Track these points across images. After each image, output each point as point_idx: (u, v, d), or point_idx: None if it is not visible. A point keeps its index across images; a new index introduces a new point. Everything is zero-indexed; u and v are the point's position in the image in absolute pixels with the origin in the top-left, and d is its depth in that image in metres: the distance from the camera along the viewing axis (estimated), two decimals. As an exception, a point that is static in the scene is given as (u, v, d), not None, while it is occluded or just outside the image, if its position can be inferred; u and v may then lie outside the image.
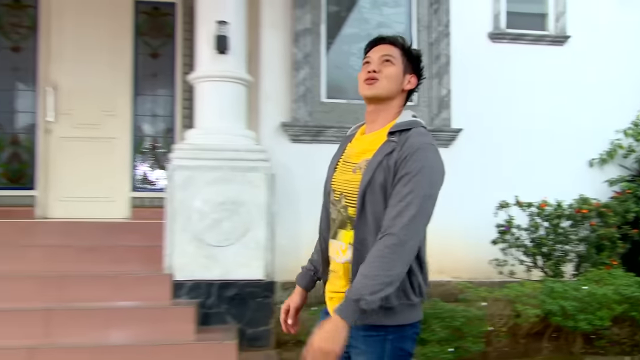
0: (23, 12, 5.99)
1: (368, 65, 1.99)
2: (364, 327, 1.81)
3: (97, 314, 4.22)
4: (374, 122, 1.99)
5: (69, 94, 6.00)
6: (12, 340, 3.90)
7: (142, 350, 4.00)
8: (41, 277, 4.52)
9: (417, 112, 5.63)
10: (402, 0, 5.85)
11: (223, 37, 4.63)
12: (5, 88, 5.95)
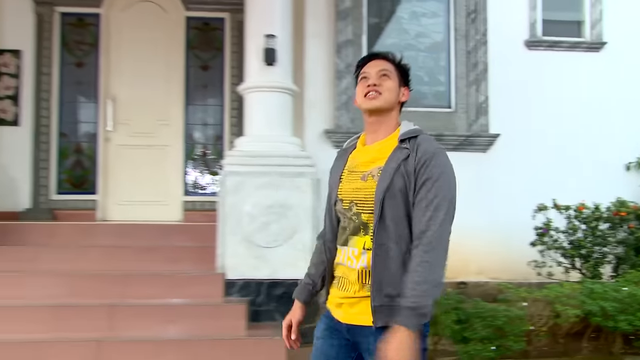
0: (86, 30, 6.22)
1: (367, 80, 2.00)
2: (381, 332, 1.78)
3: (155, 310, 4.34)
4: (376, 133, 2.01)
5: (126, 105, 6.20)
6: (81, 333, 4.08)
7: (198, 344, 4.10)
8: (104, 275, 4.69)
9: (455, 118, 5.70)
10: (440, 11, 5.85)
11: (271, 50, 4.73)
12: (69, 100, 6.20)
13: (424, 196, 1.82)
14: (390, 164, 1.86)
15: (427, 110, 5.72)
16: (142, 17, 6.25)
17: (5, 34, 6.06)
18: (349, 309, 1.92)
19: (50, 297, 4.43)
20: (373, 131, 2.02)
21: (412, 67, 5.79)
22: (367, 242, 1.88)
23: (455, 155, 5.70)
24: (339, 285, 1.98)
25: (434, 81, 5.81)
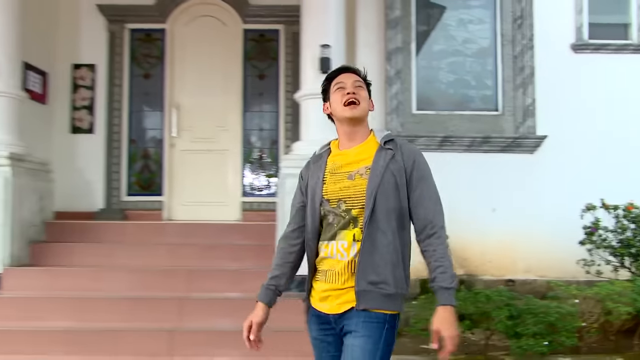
0: (153, 44, 6.42)
1: (344, 90, 2.06)
2: (365, 314, 1.92)
3: (220, 303, 4.46)
4: (354, 139, 2.07)
5: (189, 113, 6.36)
6: (154, 323, 4.24)
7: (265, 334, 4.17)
8: (172, 271, 4.85)
9: (502, 121, 5.62)
10: (487, 18, 5.78)
11: (326, 59, 4.76)
12: (138, 109, 6.41)
13: (424, 191, 2.00)
14: (379, 163, 1.96)
15: (475, 114, 5.67)
16: (203, 31, 6.40)
17: (81, 50, 6.32)
18: (336, 300, 1.98)
19: (125, 290, 4.63)
20: (350, 138, 2.08)
21: (459, 71, 5.82)
22: (357, 233, 1.95)
23: (503, 157, 5.71)
24: (325, 278, 2.01)
25: (481, 85, 5.75)
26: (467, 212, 5.53)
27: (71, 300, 4.46)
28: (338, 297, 1.97)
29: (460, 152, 5.58)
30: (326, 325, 2.04)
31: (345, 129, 2.07)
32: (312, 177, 2.09)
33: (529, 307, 3.84)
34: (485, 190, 5.58)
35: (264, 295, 2.16)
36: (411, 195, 1.99)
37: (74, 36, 6.31)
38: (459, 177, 5.55)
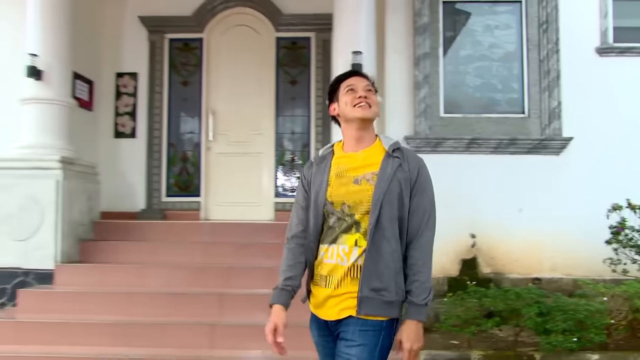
0: (191, 53, 6.54)
1: (354, 92, 2.02)
2: (362, 322, 1.89)
3: (257, 298, 4.46)
4: (361, 142, 2.03)
5: (225, 118, 6.47)
6: (195, 317, 4.33)
7: (295, 329, 4.22)
8: (211, 268, 4.94)
9: (529, 123, 5.58)
10: (513, 23, 5.74)
11: (358, 65, 4.80)
12: (177, 115, 6.53)
13: (420, 202, 1.95)
14: (387, 170, 1.92)
15: (501, 116, 5.63)
16: (238, 40, 6.50)
17: (124, 59, 6.48)
18: (335, 306, 1.93)
19: (168, 286, 4.73)
20: (358, 140, 2.03)
21: (486, 75, 5.77)
22: (359, 239, 1.91)
23: (529, 159, 5.67)
24: (326, 283, 1.96)
25: (507, 89, 5.70)
26: (494, 213, 5.51)
27: (118, 295, 4.58)
28: (338, 303, 1.93)
29: (487, 154, 5.55)
30: (325, 332, 2.02)
31: (353, 132, 2.03)
32: (315, 178, 2.04)
33: (558, 305, 3.81)
34: (511, 191, 5.54)
35: (282, 298, 2.05)
36: (410, 204, 1.96)
37: (118, 46, 6.48)
38: (486, 178, 5.53)
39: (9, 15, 5.76)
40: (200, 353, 4.07)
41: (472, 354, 3.80)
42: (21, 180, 4.86)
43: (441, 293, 5.49)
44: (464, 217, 5.49)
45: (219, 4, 6.45)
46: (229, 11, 6.50)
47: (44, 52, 5.05)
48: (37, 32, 5.08)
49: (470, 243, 5.53)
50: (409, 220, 1.94)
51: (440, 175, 5.49)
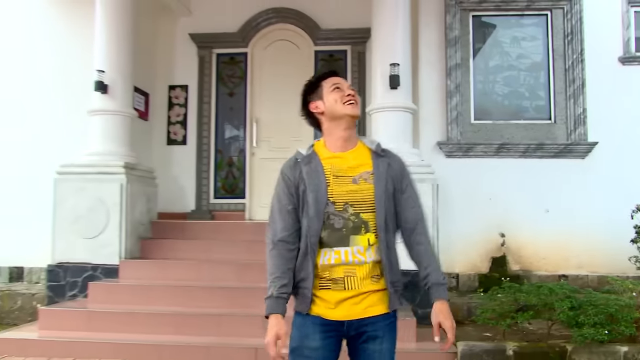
0: (236, 66, 6.71)
1: (342, 90, 1.95)
2: (387, 317, 1.88)
3: (304, 292, 4.63)
4: (349, 142, 1.95)
5: (267, 126, 6.61)
6: (250, 309, 4.42)
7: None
8: (262, 264, 5.02)
9: (555, 129, 5.59)
10: (539, 34, 5.76)
11: (395, 76, 4.89)
12: (223, 123, 6.69)
13: (412, 194, 1.97)
14: (380, 169, 1.89)
15: (529, 122, 5.66)
16: (280, 54, 6.64)
17: (176, 73, 6.68)
18: (355, 306, 1.83)
19: (222, 280, 4.86)
20: (346, 139, 1.94)
21: (514, 84, 5.81)
22: (371, 238, 1.84)
23: (555, 162, 5.68)
24: (344, 285, 1.84)
25: (534, 96, 5.72)
26: (522, 214, 5.54)
27: (177, 288, 4.72)
28: (359, 302, 1.83)
29: (516, 158, 5.58)
30: (332, 333, 1.86)
31: (341, 132, 1.93)
32: (309, 178, 1.87)
33: (589, 300, 3.82)
34: (539, 193, 5.56)
35: (280, 307, 1.86)
36: (401, 198, 1.93)
37: (170, 61, 6.68)
38: (514, 181, 5.56)
39: (78, 38, 6.00)
40: (254, 342, 4.18)
41: (507, 345, 3.83)
42: (89, 184, 5.07)
43: (472, 289, 5.54)
44: (493, 217, 5.53)
45: (262, 20, 6.60)
46: (271, 27, 6.64)
47: (109, 68, 5.26)
48: (103, 51, 5.30)
49: (500, 242, 5.56)
50: (404, 214, 1.93)
51: (472, 178, 5.62)
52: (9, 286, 5.66)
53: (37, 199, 5.78)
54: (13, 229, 5.92)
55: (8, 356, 4.21)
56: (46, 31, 6.21)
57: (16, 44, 6.26)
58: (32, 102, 6.16)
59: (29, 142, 6.07)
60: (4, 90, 6.21)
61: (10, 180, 6.04)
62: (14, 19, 6.30)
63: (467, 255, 5.54)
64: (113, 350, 4.17)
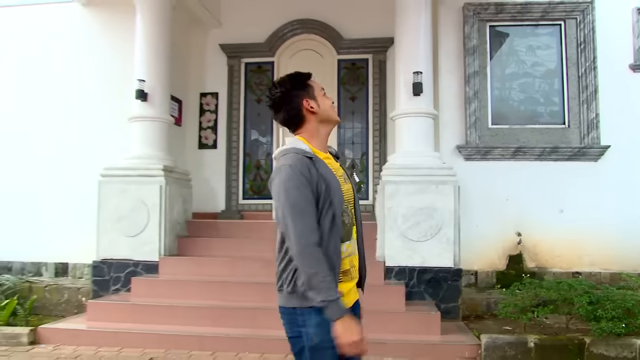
0: (263, 74, 6.81)
1: (329, 98, 1.99)
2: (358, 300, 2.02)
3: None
4: (326, 144, 1.99)
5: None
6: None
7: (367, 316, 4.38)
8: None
9: (569, 133, 5.62)
10: (553, 44, 5.79)
11: (418, 84, 4.96)
12: (251, 128, 6.78)
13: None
14: (346, 171, 2.03)
15: (544, 127, 5.69)
16: (304, 62, 6.70)
17: (207, 81, 6.81)
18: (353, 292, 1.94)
19: (256, 276, 4.92)
20: (326, 142, 1.98)
21: (529, 90, 5.85)
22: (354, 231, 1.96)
23: (570, 165, 5.71)
24: (351, 276, 1.90)
25: (548, 102, 5.76)
26: (537, 213, 5.58)
27: (213, 283, 4.82)
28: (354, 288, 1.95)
29: (532, 161, 5.62)
30: None
31: (326, 135, 1.97)
32: (329, 177, 1.83)
33: (607, 295, 3.87)
34: (553, 194, 5.59)
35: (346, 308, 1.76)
36: None
37: (201, 70, 6.81)
38: (530, 182, 5.60)
39: (119, 51, 6.15)
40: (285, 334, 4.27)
41: (529, 338, 3.89)
42: (131, 186, 5.20)
43: (490, 285, 5.59)
44: (510, 217, 5.58)
45: (288, 31, 6.70)
46: (296, 37, 6.75)
47: (149, 77, 5.40)
48: (143, 61, 5.43)
49: (516, 240, 5.60)
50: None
51: (489, 180, 5.67)
52: (55, 280, 5.81)
53: (80, 200, 5.93)
54: (58, 228, 6.08)
55: (61, 345, 4.36)
56: (90, 45, 6.37)
57: (62, 56, 6.43)
58: (75, 111, 6.32)
59: (72, 147, 6.23)
60: (51, 100, 6.39)
61: (56, 183, 6.21)
62: (61, 35, 6.47)
63: (485, 253, 5.59)
64: (157, 340, 4.30)
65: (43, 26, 6.50)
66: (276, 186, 1.79)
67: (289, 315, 1.84)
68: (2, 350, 4.25)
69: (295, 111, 1.91)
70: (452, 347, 4.05)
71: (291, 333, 1.85)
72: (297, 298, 1.80)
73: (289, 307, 1.83)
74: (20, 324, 4.77)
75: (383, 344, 4.05)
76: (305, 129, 1.93)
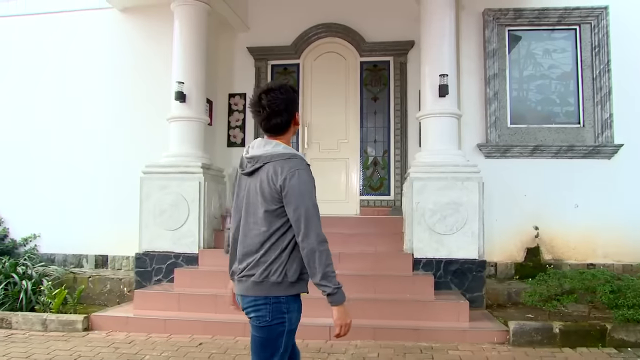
0: (289, 76, 6.95)
1: None
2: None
3: (365, 279, 4.83)
4: None
5: (317, 129, 6.87)
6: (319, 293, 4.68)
7: (399, 303, 4.53)
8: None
9: (584, 132, 5.79)
10: (568, 47, 5.94)
11: (444, 86, 5.11)
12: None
13: None
14: None
15: (560, 126, 5.86)
16: (328, 64, 6.88)
17: (235, 82, 6.96)
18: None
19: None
20: None
21: (546, 92, 6.01)
22: None
23: (584, 162, 5.87)
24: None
25: (564, 103, 5.92)
26: (554, 209, 5.75)
27: (251, 274, 5.00)
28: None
29: (548, 159, 5.79)
30: None
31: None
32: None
33: (627, 284, 4.05)
34: (569, 190, 5.76)
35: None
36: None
37: (230, 72, 6.97)
38: (547, 179, 5.77)
39: (156, 55, 6.34)
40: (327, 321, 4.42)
41: (554, 324, 4.07)
42: (172, 182, 5.38)
43: (509, 277, 5.77)
44: (528, 212, 5.75)
45: (313, 35, 6.85)
46: (320, 41, 6.89)
47: (187, 80, 5.56)
48: (181, 64, 5.60)
49: (534, 234, 5.78)
50: None
51: (508, 176, 5.84)
52: (97, 272, 6.00)
53: (119, 196, 6.12)
54: (99, 222, 6.28)
55: (113, 331, 4.54)
56: (127, 48, 6.57)
57: (102, 61, 6.64)
58: (114, 113, 6.53)
59: (112, 146, 6.42)
60: (93, 103, 6.60)
61: (96, 180, 6.41)
62: (100, 40, 6.68)
63: (504, 246, 5.76)
64: (202, 327, 4.48)
65: (82, 32, 6.71)
66: (296, 187, 1.94)
67: (273, 304, 1.98)
68: (60, 335, 4.44)
69: (290, 118, 2.06)
70: (481, 332, 4.23)
71: (274, 320, 1.99)
72: (285, 287, 1.99)
73: (274, 296, 1.98)
74: (69, 311, 4.96)
75: (417, 330, 4.24)
76: (285, 137, 2.10)
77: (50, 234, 6.42)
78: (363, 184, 6.81)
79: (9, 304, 5.09)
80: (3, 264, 5.49)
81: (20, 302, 5.09)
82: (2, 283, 5.20)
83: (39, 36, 6.84)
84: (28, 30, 6.88)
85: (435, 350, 3.99)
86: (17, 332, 4.55)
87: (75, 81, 6.63)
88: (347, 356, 3.87)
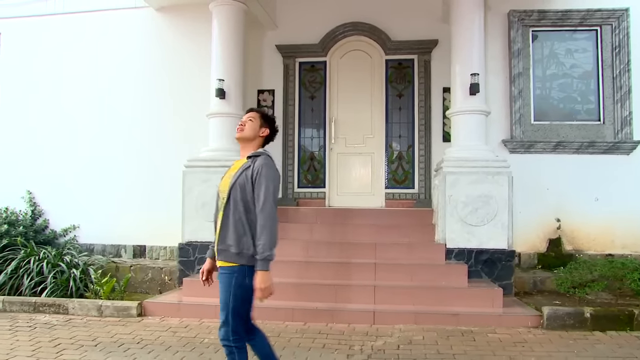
0: (316, 73, 7.16)
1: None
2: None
3: (402, 267, 5.08)
4: (243, 155, 2.66)
5: (343, 124, 7.07)
6: (359, 281, 4.93)
7: (436, 290, 4.78)
8: (362, 244, 5.42)
9: (604, 129, 6.03)
10: (589, 47, 6.18)
11: (475, 84, 5.33)
12: (305, 123, 7.14)
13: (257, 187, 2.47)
14: (238, 170, 2.54)
15: (581, 123, 6.09)
16: (354, 62, 7.08)
17: (264, 79, 7.15)
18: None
19: (330, 257, 5.30)
20: (242, 155, 2.68)
21: (568, 90, 6.26)
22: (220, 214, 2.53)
23: (604, 158, 6.14)
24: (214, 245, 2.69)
25: (585, 101, 6.16)
26: (575, 201, 6.01)
27: (293, 262, 5.19)
28: None
29: (570, 154, 6.03)
30: None
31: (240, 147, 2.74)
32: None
33: (650, 272, 4.31)
34: (589, 184, 6.01)
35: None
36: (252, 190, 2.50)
37: (259, 69, 7.15)
38: (569, 174, 6.02)
39: (192, 54, 6.52)
40: (369, 307, 4.68)
41: (585, 309, 4.32)
42: (213, 176, 5.54)
43: (532, 266, 6.03)
44: (551, 204, 6.01)
45: (340, 33, 7.04)
46: (347, 39, 7.08)
47: (226, 77, 5.74)
48: (220, 62, 5.79)
49: (556, 226, 6.03)
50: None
51: (532, 171, 6.09)
52: (137, 261, 6.20)
53: (157, 189, 6.33)
54: (137, 213, 6.49)
55: (165, 317, 4.76)
56: (162, 48, 6.74)
57: (136, 58, 6.83)
58: (156, 109, 6.75)
59: (152, 141, 6.62)
60: (136, 100, 6.83)
61: (134, 174, 6.62)
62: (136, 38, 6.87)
63: (527, 237, 6.02)
64: (250, 313, 4.69)
65: (117, 29, 6.88)
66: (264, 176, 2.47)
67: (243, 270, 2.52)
68: (116, 320, 4.65)
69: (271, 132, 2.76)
70: (516, 317, 4.48)
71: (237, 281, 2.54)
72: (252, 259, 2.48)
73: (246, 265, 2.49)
74: (116, 298, 5.17)
75: (456, 315, 4.49)
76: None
77: (88, 225, 6.62)
78: (388, 178, 7.02)
79: (60, 291, 5.29)
80: (49, 253, 5.68)
81: (70, 289, 5.29)
82: (52, 272, 5.40)
83: (74, 34, 7.00)
84: (64, 29, 7.03)
85: (475, 333, 4.24)
86: (75, 317, 4.76)
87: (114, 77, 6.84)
88: (394, 339, 4.11)
